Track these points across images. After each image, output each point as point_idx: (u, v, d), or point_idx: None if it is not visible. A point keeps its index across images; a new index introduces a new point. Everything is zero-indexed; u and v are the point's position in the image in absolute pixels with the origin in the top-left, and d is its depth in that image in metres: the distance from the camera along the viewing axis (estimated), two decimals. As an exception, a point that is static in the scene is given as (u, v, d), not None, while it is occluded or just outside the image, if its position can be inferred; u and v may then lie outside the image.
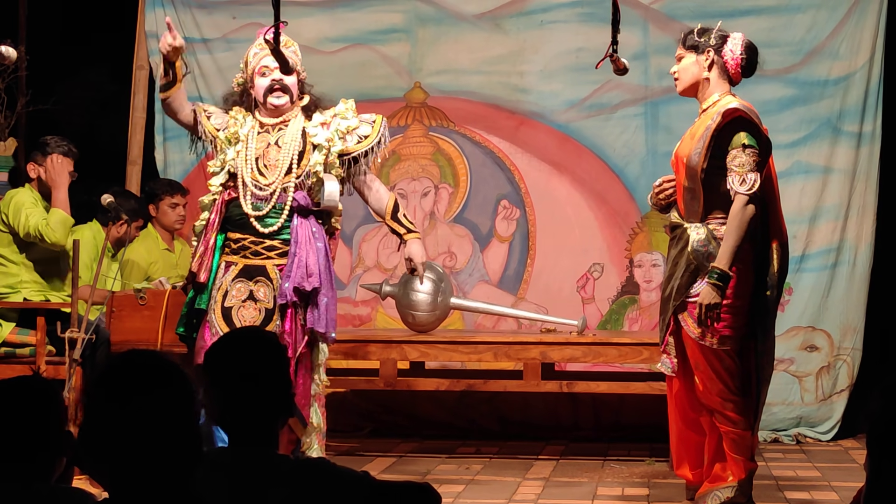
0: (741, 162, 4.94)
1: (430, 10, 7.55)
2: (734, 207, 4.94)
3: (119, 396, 2.12)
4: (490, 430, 7.31)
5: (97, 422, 2.13)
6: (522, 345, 6.51)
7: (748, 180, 4.93)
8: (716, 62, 5.12)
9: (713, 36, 5.13)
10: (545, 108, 7.45)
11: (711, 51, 5.11)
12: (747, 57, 5.10)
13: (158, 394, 2.12)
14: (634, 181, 7.35)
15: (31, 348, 6.03)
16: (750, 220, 4.94)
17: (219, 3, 7.69)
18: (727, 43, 5.11)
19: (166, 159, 7.74)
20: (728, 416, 5.04)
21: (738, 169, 4.94)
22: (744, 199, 4.93)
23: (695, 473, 5.27)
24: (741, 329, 5.03)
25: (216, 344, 2.83)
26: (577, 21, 7.37)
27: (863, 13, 7.18)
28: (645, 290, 7.36)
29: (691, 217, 5.10)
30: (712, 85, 5.13)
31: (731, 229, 4.94)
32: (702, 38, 5.14)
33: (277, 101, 5.42)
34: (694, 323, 5.03)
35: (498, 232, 7.46)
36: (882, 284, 7.22)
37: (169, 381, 2.14)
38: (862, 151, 7.17)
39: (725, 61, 5.11)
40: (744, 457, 5.08)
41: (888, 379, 2.52)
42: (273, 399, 2.73)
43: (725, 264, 4.93)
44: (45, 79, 7.69)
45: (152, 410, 2.10)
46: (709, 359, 5.03)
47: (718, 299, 4.93)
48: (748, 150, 4.95)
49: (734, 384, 5.04)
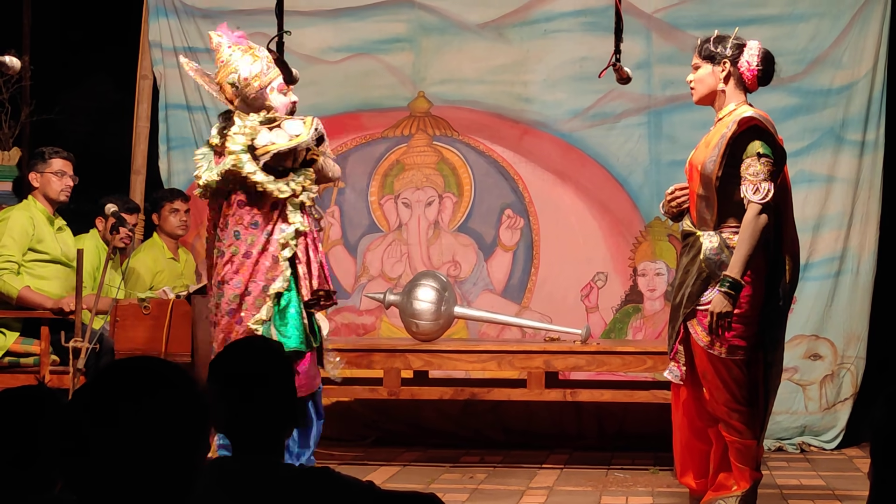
0: (755, 171, 4.93)
1: (434, 20, 7.56)
2: (747, 216, 4.93)
3: (112, 403, 2.03)
4: (494, 439, 7.31)
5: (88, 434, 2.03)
6: (526, 354, 6.51)
7: (762, 189, 4.92)
8: (732, 73, 5.08)
9: (729, 46, 5.08)
10: (549, 118, 7.45)
11: (728, 62, 5.07)
12: (764, 67, 5.07)
13: (161, 398, 2.04)
14: (638, 190, 7.36)
15: (35, 358, 6.03)
16: (763, 229, 4.92)
17: (223, 12, 7.70)
18: (743, 53, 5.07)
19: (170, 168, 7.75)
20: (734, 426, 5.03)
21: (751, 178, 4.93)
22: (757, 207, 4.92)
23: (699, 482, 5.27)
24: (751, 339, 5.02)
25: (221, 353, 2.84)
26: (581, 30, 7.38)
27: (866, 22, 7.18)
28: (649, 300, 7.36)
29: (704, 225, 5.09)
30: (728, 95, 5.10)
31: (743, 238, 4.93)
32: (718, 48, 5.10)
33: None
34: (703, 331, 5.01)
35: (502, 241, 7.46)
36: (885, 293, 7.22)
37: (172, 385, 2.05)
38: (865, 160, 7.17)
39: (742, 72, 5.07)
40: (749, 467, 5.07)
41: (892, 387, 2.52)
42: (278, 407, 2.73)
43: (738, 273, 4.92)
44: (49, 88, 7.71)
45: (155, 416, 2.03)
46: (717, 368, 5.02)
47: (730, 308, 4.92)
48: (762, 159, 4.93)
49: (741, 394, 5.03)
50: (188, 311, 5.77)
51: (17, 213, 6.10)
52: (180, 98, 7.73)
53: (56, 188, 6.15)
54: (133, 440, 1.93)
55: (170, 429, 1.96)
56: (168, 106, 7.76)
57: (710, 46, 5.13)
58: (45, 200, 6.20)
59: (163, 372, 2.07)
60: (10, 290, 5.99)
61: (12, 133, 7.44)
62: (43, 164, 6.13)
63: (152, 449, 1.94)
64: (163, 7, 7.71)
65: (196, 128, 7.71)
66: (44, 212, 6.16)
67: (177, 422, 1.97)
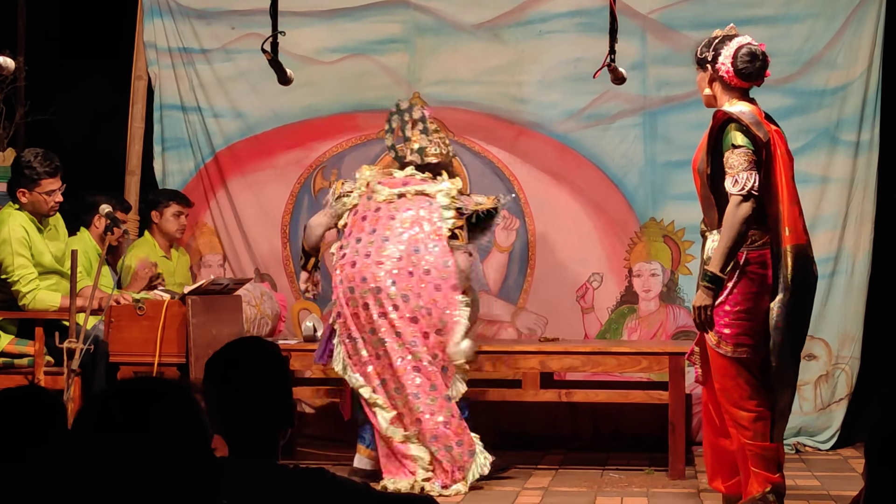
0: (732, 163, 4.92)
1: (429, 21, 7.56)
2: (728, 209, 4.91)
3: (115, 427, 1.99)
4: (489, 440, 7.29)
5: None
6: (521, 354, 6.51)
7: (740, 180, 4.90)
8: (714, 77, 5.10)
9: (712, 49, 5.10)
10: (544, 119, 7.45)
11: (709, 66, 5.10)
12: (741, 66, 5.05)
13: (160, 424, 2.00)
14: (633, 191, 7.36)
15: (30, 359, 6.02)
16: (744, 219, 4.90)
17: (218, 13, 7.70)
18: (720, 54, 5.08)
19: (165, 169, 7.74)
20: (743, 426, 5.00)
21: (729, 170, 4.93)
22: (737, 199, 4.90)
23: (727, 485, 5.22)
24: (756, 336, 4.99)
25: (216, 354, 2.83)
26: (576, 31, 7.38)
27: (860, 23, 7.19)
28: (644, 300, 7.36)
29: (711, 224, 5.09)
30: (719, 97, 5.11)
31: (723, 231, 4.92)
32: (703, 53, 5.12)
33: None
34: (702, 327, 5.01)
35: (498, 242, 7.46)
36: (880, 293, 7.22)
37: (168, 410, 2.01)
38: (860, 160, 7.17)
39: (721, 75, 5.08)
40: (763, 470, 5.02)
41: (887, 388, 2.52)
42: (274, 409, 2.73)
43: (716, 266, 4.91)
44: (44, 89, 7.69)
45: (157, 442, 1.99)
46: (724, 366, 5.00)
47: (709, 301, 4.92)
48: (738, 150, 4.92)
49: (748, 392, 5.00)
50: (183, 312, 5.76)
51: (8, 227, 6.03)
52: (175, 99, 7.72)
53: (45, 207, 6.11)
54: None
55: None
56: (163, 107, 7.75)
57: (698, 50, 5.15)
58: (32, 213, 6.15)
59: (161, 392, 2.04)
60: (49, 305, 6.01)
61: (7, 134, 7.43)
62: (32, 185, 6.07)
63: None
64: (157, 8, 7.70)
65: (191, 129, 7.70)
66: (33, 220, 6.12)
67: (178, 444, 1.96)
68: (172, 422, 1.97)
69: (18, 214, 6.07)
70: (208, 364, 2.77)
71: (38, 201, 6.07)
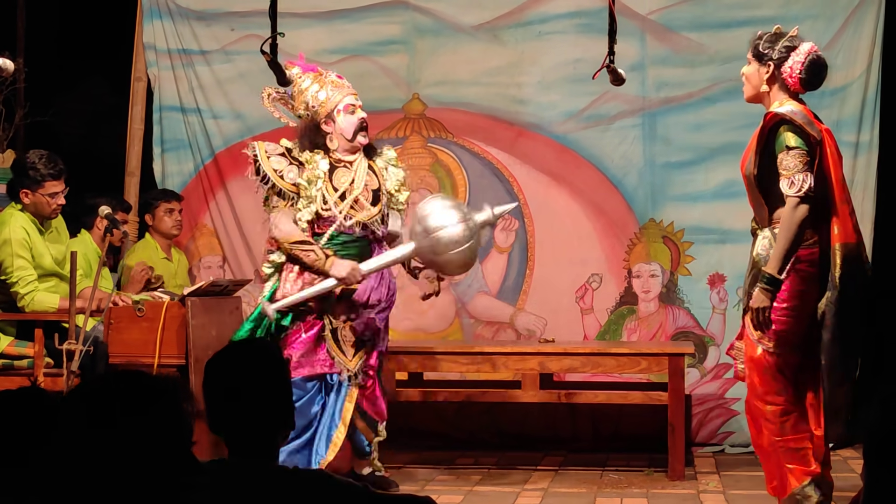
0: (787, 165, 4.90)
1: (429, 22, 7.56)
2: (784, 211, 4.89)
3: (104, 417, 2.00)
4: (488, 441, 7.30)
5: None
6: (521, 355, 6.52)
7: (796, 182, 4.88)
8: (776, 76, 5.06)
9: (778, 48, 5.04)
10: (543, 119, 7.45)
11: (772, 64, 5.04)
12: (807, 76, 5.02)
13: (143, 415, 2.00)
14: (632, 192, 7.36)
15: (30, 360, 6.02)
16: (801, 221, 4.89)
17: (217, 14, 7.70)
18: (790, 58, 5.02)
19: (164, 170, 7.75)
20: (768, 420, 4.97)
21: (785, 172, 4.90)
22: (794, 201, 4.88)
23: (770, 488, 5.16)
24: (798, 337, 4.96)
25: (216, 355, 2.84)
26: (575, 32, 7.38)
27: (860, 23, 7.19)
28: (643, 301, 7.36)
29: (762, 223, 5.09)
30: (773, 96, 5.05)
31: (780, 232, 4.91)
32: (767, 49, 5.07)
33: (364, 140, 5.79)
34: (752, 325, 5.00)
35: (497, 243, 7.46)
36: (880, 293, 7.21)
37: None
38: (860, 161, 7.17)
39: (784, 77, 5.04)
40: (798, 464, 4.98)
41: (887, 389, 2.52)
42: (273, 411, 2.73)
43: (774, 268, 4.89)
44: (44, 91, 7.70)
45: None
46: (761, 360, 4.98)
47: (767, 303, 4.90)
48: (792, 151, 4.89)
49: (775, 388, 4.96)
50: (183, 314, 5.76)
51: (9, 228, 6.03)
52: (174, 100, 7.72)
53: (47, 209, 6.11)
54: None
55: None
56: (162, 108, 7.75)
57: (760, 45, 5.09)
58: (34, 214, 6.15)
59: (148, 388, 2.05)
60: (47, 306, 6.00)
61: (6, 136, 7.43)
62: (35, 186, 6.07)
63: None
64: (157, 9, 7.70)
65: (190, 130, 7.71)
66: (34, 222, 6.12)
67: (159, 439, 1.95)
68: (143, 418, 1.98)
69: (20, 215, 6.07)
70: (208, 365, 2.78)
71: (40, 203, 6.07)
